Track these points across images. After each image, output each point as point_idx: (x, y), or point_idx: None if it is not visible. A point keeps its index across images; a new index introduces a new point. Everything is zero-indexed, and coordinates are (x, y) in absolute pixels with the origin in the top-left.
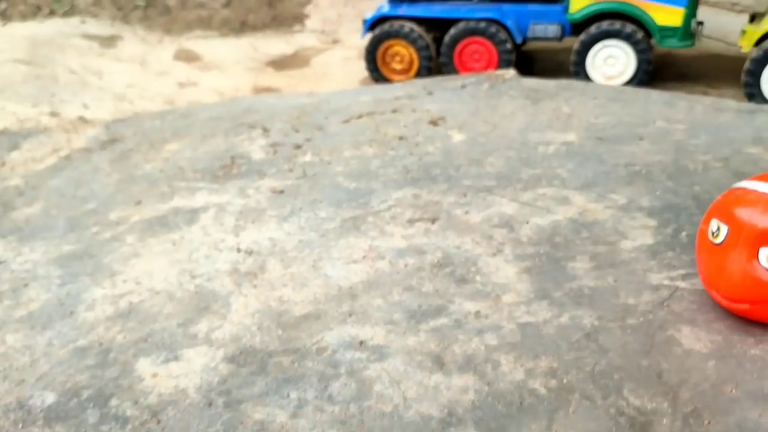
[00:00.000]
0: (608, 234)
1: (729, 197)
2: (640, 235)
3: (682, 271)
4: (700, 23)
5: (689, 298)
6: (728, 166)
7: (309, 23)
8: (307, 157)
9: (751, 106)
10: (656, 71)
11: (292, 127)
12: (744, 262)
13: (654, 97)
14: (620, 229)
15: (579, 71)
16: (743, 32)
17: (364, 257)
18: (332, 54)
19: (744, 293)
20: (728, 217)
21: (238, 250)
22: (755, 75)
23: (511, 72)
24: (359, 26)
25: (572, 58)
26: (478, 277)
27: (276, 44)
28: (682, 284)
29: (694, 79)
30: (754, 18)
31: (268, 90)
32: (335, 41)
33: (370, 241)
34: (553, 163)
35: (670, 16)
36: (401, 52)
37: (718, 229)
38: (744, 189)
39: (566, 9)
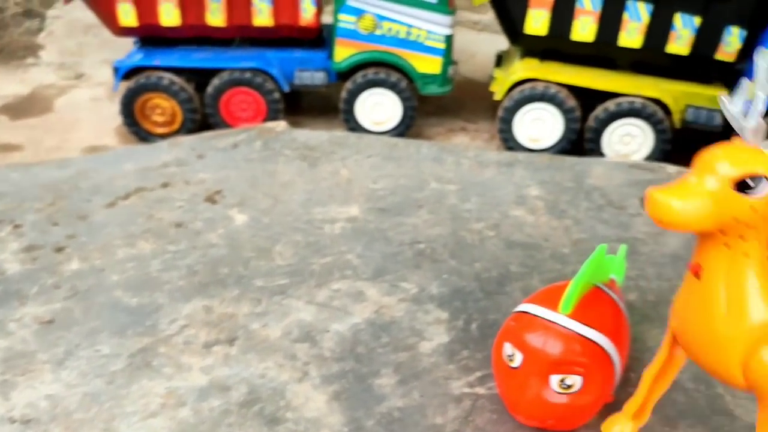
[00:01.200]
0: (407, 336)
1: (519, 322)
2: (435, 332)
3: (478, 374)
4: (455, 62)
5: (489, 407)
6: (500, 235)
7: (44, 55)
8: (74, 264)
9: (509, 157)
10: (420, 106)
11: (49, 218)
12: (539, 387)
13: (424, 151)
14: (417, 328)
15: (349, 119)
16: (493, 78)
17: (162, 406)
18: (78, 94)
19: (542, 415)
20: (521, 344)
21: (12, 421)
22: (508, 122)
23: (282, 124)
24: (106, 57)
25: (341, 105)
26: (289, 414)
27: (6, 83)
28: (481, 391)
29: (453, 113)
30: (500, 60)
31: (6, 150)
32: (78, 76)
33: (166, 382)
34: (342, 246)
35: (430, 65)
36: (162, 105)
37: (513, 354)
38: (532, 315)
39: (330, 56)
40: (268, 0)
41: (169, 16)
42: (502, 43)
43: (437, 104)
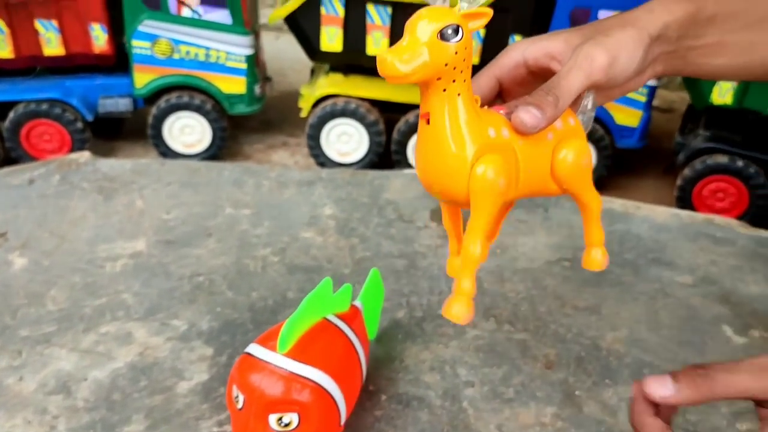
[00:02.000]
0: (166, 377)
1: (243, 364)
2: (196, 371)
3: (227, 413)
4: (269, 79)
5: None
6: (284, 260)
7: None
8: None
9: (311, 175)
10: (241, 125)
11: None
12: (260, 427)
13: (226, 175)
14: (178, 368)
15: (158, 144)
16: (301, 95)
17: None
18: None
19: None
20: (243, 385)
21: None
22: (315, 139)
23: (85, 155)
24: None
25: (148, 131)
26: None
27: None
28: (229, 429)
29: (276, 128)
30: (313, 74)
31: None
32: None
33: None
34: (120, 285)
35: (234, 85)
36: None
37: (237, 395)
38: (253, 357)
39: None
40: (55, 29)
41: None
42: None
43: (261, 119)
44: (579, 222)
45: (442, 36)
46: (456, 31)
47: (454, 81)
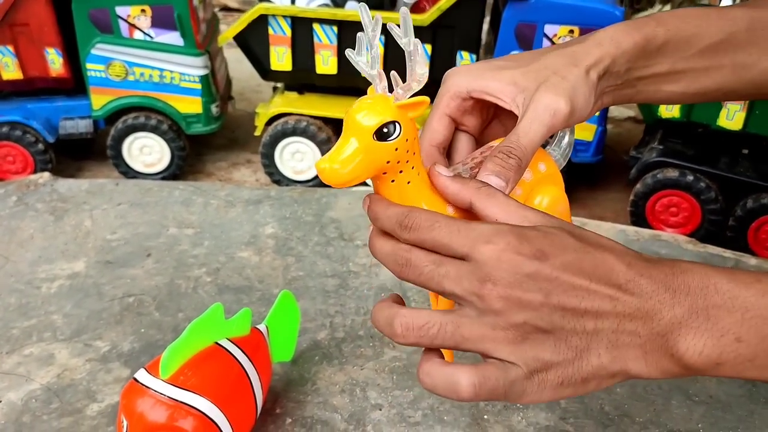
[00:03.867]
0: (79, 398)
1: (129, 390)
2: (109, 393)
3: None
4: (231, 98)
5: None
6: (216, 280)
7: None
8: None
9: (260, 194)
10: (207, 142)
11: None
12: None
13: (176, 194)
14: (92, 389)
15: (119, 163)
16: (257, 114)
17: None
18: None
19: None
20: (127, 412)
21: None
22: (269, 158)
23: (45, 176)
24: None
25: (108, 152)
26: None
27: None
28: None
29: (241, 146)
30: (275, 91)
31: None
32: None
33: None
34: (52, 306)
35: (190, 105)
36: None
37: (123, 421)
38: (138, 383)
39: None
40: (11, 54)
41: None
42: None
43: (228, 137)
44: None
45: (379, 136)
46: (394, 128)
47: (401, 171)
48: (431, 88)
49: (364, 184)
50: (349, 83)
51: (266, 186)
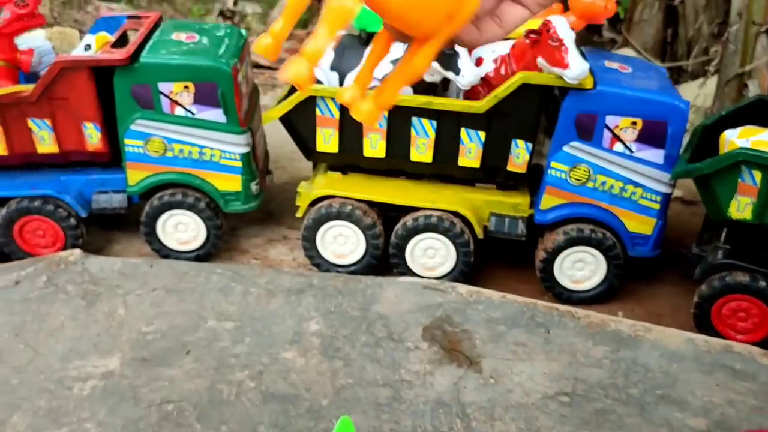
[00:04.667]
0: None
1: None
2: None
3: None
4: (270, 172)
5: None
6: (260, 385)
7: None
8: None
9: (302, 282)
10: (241, 216)
11: None
12: None
13: (214, 281)
14: None
15: (152, 241)
16: (298, 194)
17: None
18: None
19: None
20: None
21: None
22: (311, 241)
23: (75, 253)
24: None
25: (142, 229)
26: None
27: None
28: None
29: (276, 221)
30: (315, 166)
31: None
32: None
33: None
34: (85, 412)
35: (229, 183)
36: None
37: None
38: None
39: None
40: (48, 128)
41: None
42: None
43: (263, 210)
44: (582, 346)
45: None
46: None
47: None
48: None
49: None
50: (396, 166)
51: (306, 270)
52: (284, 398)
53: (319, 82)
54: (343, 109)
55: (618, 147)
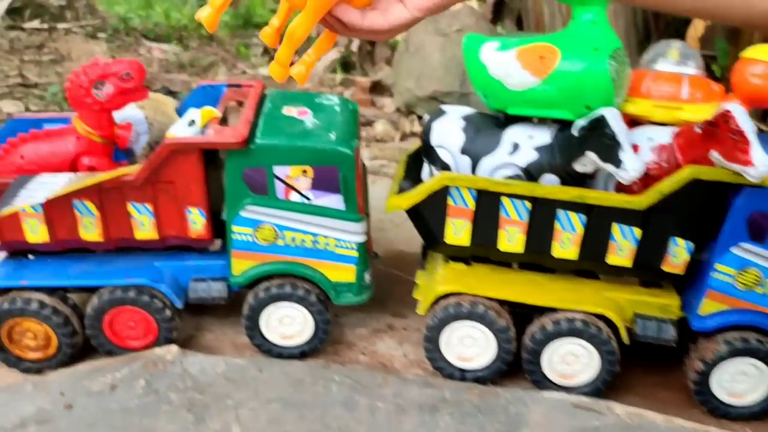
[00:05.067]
0: None
1: None
2: None
3: None
4: (376, 255)
5: None
6: None
7: None
8: None
9: (433, 396)
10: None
11: None
12: None
13: (334, 392)
14: None
15: (253, 336)
16: (416, 285)
17: None
18: None
19: None
20: None
21: None
22: (434, 342)
23: (172, 351)
24: None
25: (243, 322)
26: None
27: None
28: None
29: (379, 304)
30: (426, 252)
31: None
32: None
33: None
34: None
35: (342, 273)
36: (33, 329)
37: None
38: None
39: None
40: (149, 213)
41: (35, 232)
42: None
43: None
44: None
45: None
46: None
47: None
48: None
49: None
50: (534, 261)
51: (421, 369)
52: None
53: (446, 167)
54: (479, 199)
55: None
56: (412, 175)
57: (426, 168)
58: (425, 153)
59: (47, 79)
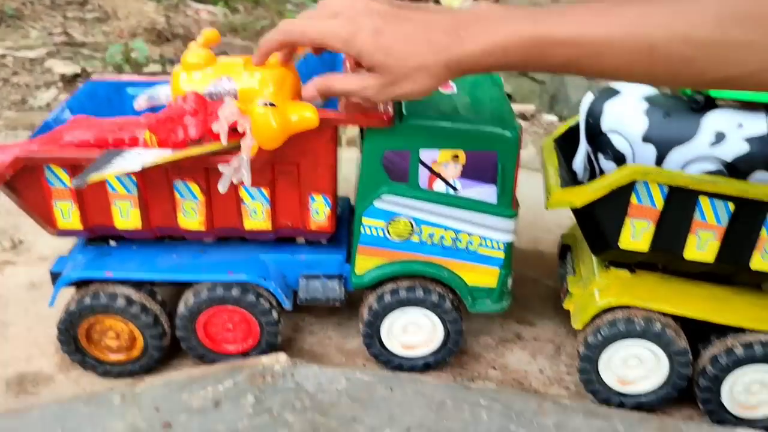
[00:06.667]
0: None
1: None
2: None
3: None
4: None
5: None
6: None
7: None
8: None
9: (603, 430)
10: None
11: None
12: None
13: (484, 419)
14: None
15: (371, 344)
16: (569, 294)
17: None
18: (10, 275)
19: None
20: None
21: None
22: (592, 362)
23: (281, 359)
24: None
25: (362, 329)
26: None
27: None
28: None
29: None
30: (565, 252)
31: None
32: (15, 245)
33: None
34: None
35: (483, 277)
36: (117, 327)
37: None
38: None
39: (350, 261)
40: (264, 199)
41: (126, 216)
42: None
43: None
44: None
45: None
46: None
47: None
48: None
49: None
50: (723, 273)
51: (593, 405)
52: None
53: (621, 157)
54: (670, 198)
55: None
56: (560, 164)
57: (581, 156)
58: (589, 139)
59: (93, 38)
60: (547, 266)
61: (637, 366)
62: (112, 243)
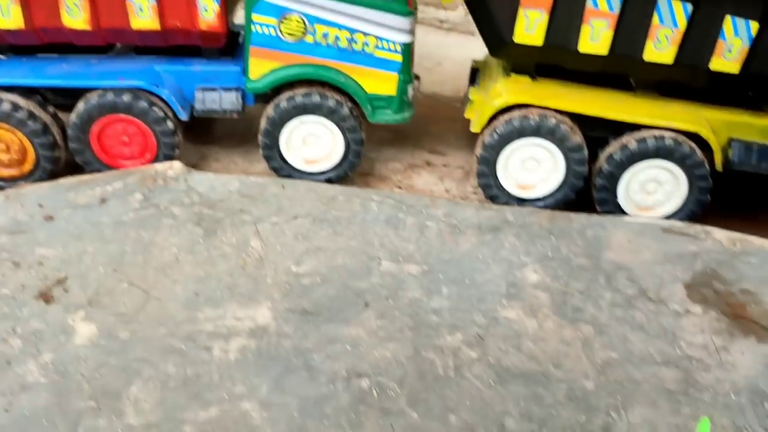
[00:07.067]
0: None
1: None
2: None
3: None
4: (417, 77)
5: None
6: (486, 356)
7: None
8: None
9: (493, 217)
10: (370, 131)
11: None
12: None
13: (374, 210)
14: None
15: (271, 156)
16: (469, 101)
17: None
18: None
19: None
20: None
21: None
22: (490, 164)
23: (175, 166)
24: None
25: (261, 139)
26: None
27: None
28: None
29: (415, 140)
30: (476, 74)
31: None
32: None
33: None
34: (237, 385)
35: (382, 84)
36: (6, 138)
37: None
38: None
39: (245, 71)
40: None
41: (8, 16)
42: (476, 47)
43: (393, 129)
44: None
45: None
46: None
47: None
48: None
49: None
50: (619, 69)
51: (486, 203)
52: (527, 377)
53: None
54: None
55: None
56: None
57: None
58: None
59: None
60: (457, 90)
61: (534, 169)
62: (1, 57)
